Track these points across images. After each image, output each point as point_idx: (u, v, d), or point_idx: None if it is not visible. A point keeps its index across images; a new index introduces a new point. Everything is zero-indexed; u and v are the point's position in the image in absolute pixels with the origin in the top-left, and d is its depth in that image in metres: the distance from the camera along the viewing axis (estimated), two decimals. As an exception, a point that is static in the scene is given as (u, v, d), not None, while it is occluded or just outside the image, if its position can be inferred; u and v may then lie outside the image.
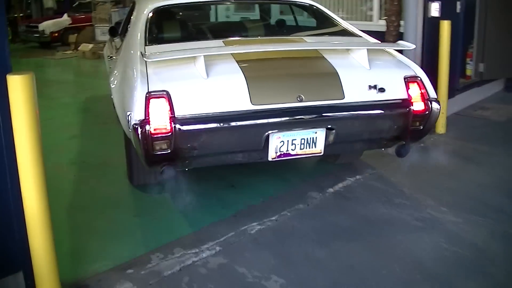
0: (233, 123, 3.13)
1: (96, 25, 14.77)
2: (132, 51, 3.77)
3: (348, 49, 3.69)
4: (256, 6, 5.12)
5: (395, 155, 3.70)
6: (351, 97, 3.38)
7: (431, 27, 5.68)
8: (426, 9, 5.64)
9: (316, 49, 3.63)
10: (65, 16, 16.55)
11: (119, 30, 5.33)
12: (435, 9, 5.65)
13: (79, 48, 13.92)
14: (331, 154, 4.30)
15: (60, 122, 6.73)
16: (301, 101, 3.26)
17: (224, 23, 4.99)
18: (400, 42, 3.86)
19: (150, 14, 4.14)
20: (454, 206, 3.94)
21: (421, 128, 3.60)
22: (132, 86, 3.20)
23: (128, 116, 3.09)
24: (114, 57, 4.80)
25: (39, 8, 19.88)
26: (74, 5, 18.39)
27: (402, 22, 6.15)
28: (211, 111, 3.13)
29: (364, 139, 3.63)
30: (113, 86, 3.90)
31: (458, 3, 6.23)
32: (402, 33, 6.06)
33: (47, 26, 15.90)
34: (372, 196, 4.14)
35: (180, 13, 5.04)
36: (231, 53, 3.43)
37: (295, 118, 3.25)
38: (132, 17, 4.53)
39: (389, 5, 6.19)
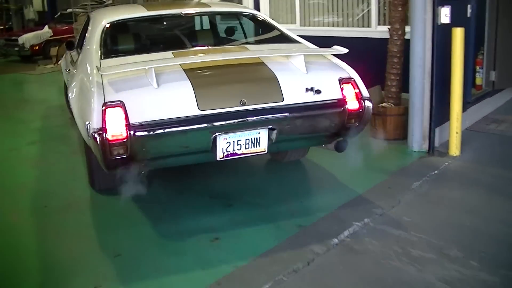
0: (182, 128, 3.40)
1: (77, 36, 13.99)
2: (88, 65, 4.02)
3: (287, 55, 3.95)
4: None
5: (402, 189, 4.00)
6: (290, 99, 3.65)
7: (441, 34, 4.98)
8: (435, 15, 4.94)
9: (257, 57, 3.93)
10: (46, 28, 15.74)
11: (75, 44, 5.64)
12: (445, 15, 4.93)
13: (59, 62, 13.15)
14: (275, 151, 4.70)
15: (25, 153, 5.97)
16: (243, 105, 3.52)
17: (174, 34, 5.31)
18: (335, 47, 4.00)
19: (104, 29, 4.38)
20: (486, 258, 3.24)
21: (357, 124, 3.87)
22: (90, 97, 3.45)
23: (87, 125, 3.33)
24: (71, 70, 5.09)
25: (20, 20, 19.15)
26: (56, 16, 17.65)
27: (407, 28, 5.47)
28: (163, 117, 3.38)
29: (304, 137, 3.94)
30: (72, 97, 4.04)
31: (469, 7, 5.53)
32: (408, 40, 5.36)
33: (27, 39, 15.09)
34: (386, 247, 3.42)
35: (133, 27, 5.22)
36: (179, 64, 3.69)
37: (239, 121, 3.51)
38: (87, 32, 4.72)
39: (392, 11, 5.49)
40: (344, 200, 4.18)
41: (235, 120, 3.50)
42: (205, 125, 3.44)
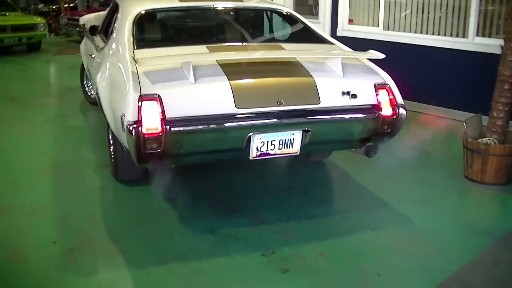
0: (218, 125, 3.36)
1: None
2: (120, 54, 3.96)
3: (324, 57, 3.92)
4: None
5: None
6: (326, 102, 3.62)
7: None
8: None
9: (294, 57, 3.90)
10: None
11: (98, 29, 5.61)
12: None
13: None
14: (306, 153, 4.67)
15: (51, 159, 5.19)
16: (280, 105, 3.48)
17: (206, 27, 5.30)
18: (370, 51, 3.94)
19: (137, 17, 4.27)
20: None
21: (389, 131, 3.84)
22: (125, 89, 3.41)
23: (122, 117, 3.29)
24: (96, 57, 5.03)
25: (85, 0, 18.78)
26: (120, -3, 17.13)
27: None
28: (199, 114, 3.35)
29: (336, 140, 3.93)
30: (101, 87, 4.05)
31: None
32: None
33: (88, 19, 14.48)
34: None
35: (164, 17, 5.07)
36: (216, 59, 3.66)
37: (275, 121, 3.48)
38: (116, 19, 4.59)
39: (509, 24, 4.32)
40: (432, 281, 3.10)
41: (272, 121, 3.46)
42: (241, 123, 3.41)
